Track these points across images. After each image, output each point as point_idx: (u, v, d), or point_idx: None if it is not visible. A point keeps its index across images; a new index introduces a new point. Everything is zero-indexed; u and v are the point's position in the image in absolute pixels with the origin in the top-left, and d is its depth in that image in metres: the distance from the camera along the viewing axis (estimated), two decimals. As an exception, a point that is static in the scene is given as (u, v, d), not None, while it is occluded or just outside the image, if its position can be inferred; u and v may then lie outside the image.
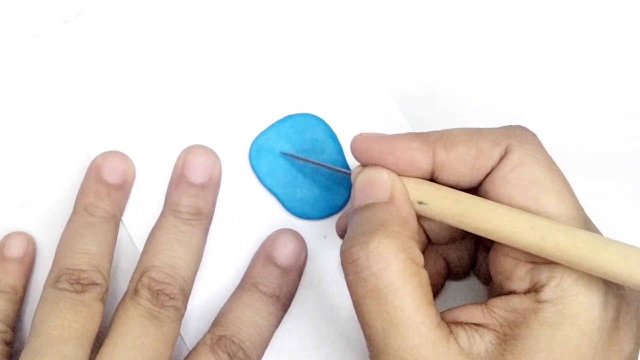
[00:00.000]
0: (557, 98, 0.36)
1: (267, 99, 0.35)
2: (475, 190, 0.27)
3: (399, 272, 0.25)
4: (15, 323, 0.32)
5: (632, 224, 0.27)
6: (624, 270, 0.23)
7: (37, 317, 0.29)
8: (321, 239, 0.34)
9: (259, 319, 0.31)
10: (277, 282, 0.32)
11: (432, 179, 0.28)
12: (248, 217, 0.34)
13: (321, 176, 0.34)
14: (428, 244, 0.31)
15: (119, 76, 0.35)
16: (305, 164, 0.34)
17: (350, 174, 0.29)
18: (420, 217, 0.28)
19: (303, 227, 0.34)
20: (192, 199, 0.32)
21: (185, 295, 0.31)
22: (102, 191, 0.32)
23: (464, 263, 0.32)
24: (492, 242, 0.28)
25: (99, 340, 0.29)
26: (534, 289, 0.25)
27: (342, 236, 0.33)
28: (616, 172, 0.35)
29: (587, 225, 0.26)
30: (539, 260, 0.25)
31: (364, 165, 0.28)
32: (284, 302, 0.32)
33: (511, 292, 0.26)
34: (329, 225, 0.34)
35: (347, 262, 0.25)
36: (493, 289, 0.29)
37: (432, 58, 0.36)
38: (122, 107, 0.35)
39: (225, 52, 0.35)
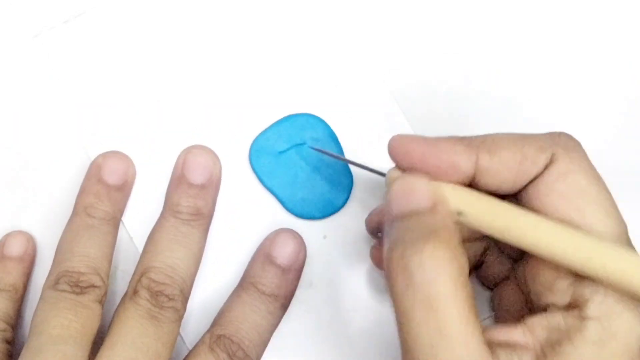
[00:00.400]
0: (556, 98, 0.36)
1: (267, 99, 0.35)
2: (515, 196, 0.27)
3: (452, 280, 0.24)
4: (16, 322, 0.32)
5: (630, 223, 0.27)
6: None
7: (36, 317, 0.29)
8: (321, 239, 0.34)
9: (258, 318, 0.31)
10: (276, 281, 0.32)
11: (473, 183, 0.27)
12: (248, 217, 0.34)
13: (321, 176, 0.34)
14: None
15: (119, 76, 0.35)
16: (307, 163, 0.34)
17: (384, 175, 0.28)
18: None
19: (303, 227, 0.34)
20: (192, 200, 0.32)
21: (185, 296, 0.31)
22: (102, 192, 0.32)
23: (469, 265, 0.31)
24: (513, 247, 0.27)
25: (98, 343, 0.29)
26: (575, 304, 0.25)
27: (372, 233, 0.32)
28: (616, 172, 0.35)
29: (629, 242, 0.26)
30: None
31: (400, 166, 0.27)
32: (283, 302, 0.32)
33: (549, 305, 0.26)
34: (329, 225, 0.34)
35: (397, 269, 0.24)
36: (515, 296, 0.28)
37: (432, 58, 0.36)
38: (122, 107, 0.35)
39: (225, 52, 0.35)
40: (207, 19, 0.36)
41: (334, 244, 0.34)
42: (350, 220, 0.34)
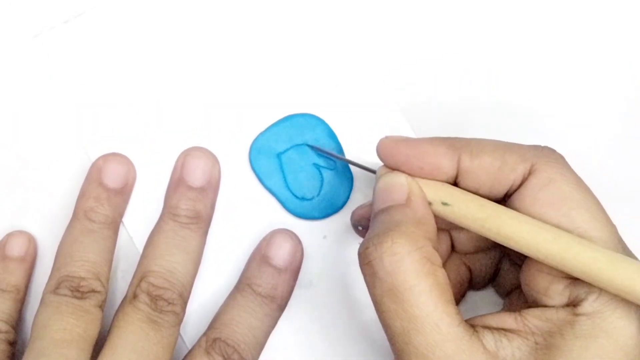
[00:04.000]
0: (557, 99, 0.36)
1: (267, 99, 0.35)
2: (500, 203, 0.27)
3: (413, 270, 0.25)
4: (18, 323, 0.32)
5: (629, 222, 0.28)
6: None
7: (38, 321, 0.29)
8: (321, 239, 0.34)
9: (253, 320, 0.31)
10: (272, 282, 0.32)
11: (455, 183, 0.28)
12: (248, 217, 0.34)
13: (321, 176, 0.34)
14: (453, 252, 0.31)
15: (119, 76, 0.35)
16: (307, 164, 0.34)
17: (375, 173, 0.29)
18: (448, 226, 0.29)
19: (303, 227, 0.34)
20: (190, 203, 0.32)
21: (184, 300, 0.31)
22: (103, 196, 0.32)
23: (486, 273, 0.32)
24: (519, 255, 0.28)
25: (97, 347, 0.29)
26: (571, 304, 0.25)
27: (354, 226, 0.33)
28: (616, 172, 0.35)
29: (621, 243, 0.26)
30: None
31: (388, 167, 0.29)
32: (280, 303, 0.32)
33: (547, 307, 0.26)
34: (329, 225, 0.34)
35: (364, 264, 0.26)
36: (523, 302, 0.28)
37: (432, 58, 0.36)
38: (122, 107, 0.35)
39: (225, 52, 0.35)
40: (207, 19, 0.35)
41: (334, 244, 0.34)
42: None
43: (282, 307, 0.32)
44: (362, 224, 0.32)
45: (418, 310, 0.25)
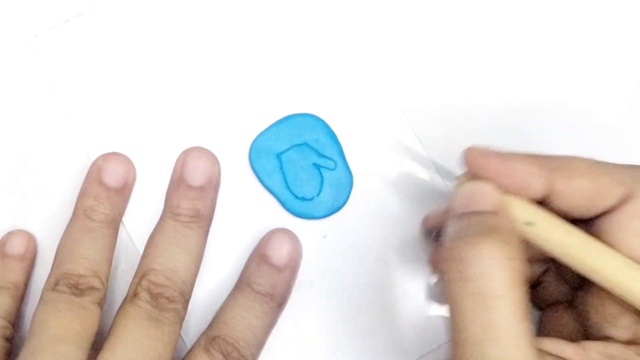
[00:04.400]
0: (557, 101, 0.36)
1: (267, 99, 0.35)
2: (585, 225, 0.27)
3: (505, 279, 0.24)
4: (16, 320, 0.32)
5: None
6: None
7: (36, 318, 0.29)
8: (321, 239, 0.34)
9: (253, 318, 0.31)
10: (271, 281, 0.32)
11: (543, 204, 0.27)
12: (248, 217, 0.34)
13: (321, 176, 0.34)
14: None
15: (119, 76, 0.35)
16: (307, 163, 0.34)
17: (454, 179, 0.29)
18: None
19: (303, 227, 0.34)
20: (191, 202, 0.32)
21: (185, 298, 0.31)
22: (103, 195, 0.32)
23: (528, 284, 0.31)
24: (571, 272, 0.27)
25: (97, 346, 0.29)
26: (636, 342, 0.25)
27: (427, 233, 0.33)
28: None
29: None
30: None
31: (475, 176, 0.27)
32: (279, 301, 0.32)
33: (608, 337, 0.26)
34: (329, 225, 0.34)
35: (453, 259, 0.24)
36: (577, 325, 0.28)
37: (431, 58, 0.36)
38: (122, 106, 0.35)
39: (225, 52, 0.35)
40: (207, 19, 0.36)
41: (334, 244, 0.34)
42: (350, 220, 0.34)
43: (281, 306, 0.32)
44: (437, 231, 0.31)
45: (502, 321, 0.23)
